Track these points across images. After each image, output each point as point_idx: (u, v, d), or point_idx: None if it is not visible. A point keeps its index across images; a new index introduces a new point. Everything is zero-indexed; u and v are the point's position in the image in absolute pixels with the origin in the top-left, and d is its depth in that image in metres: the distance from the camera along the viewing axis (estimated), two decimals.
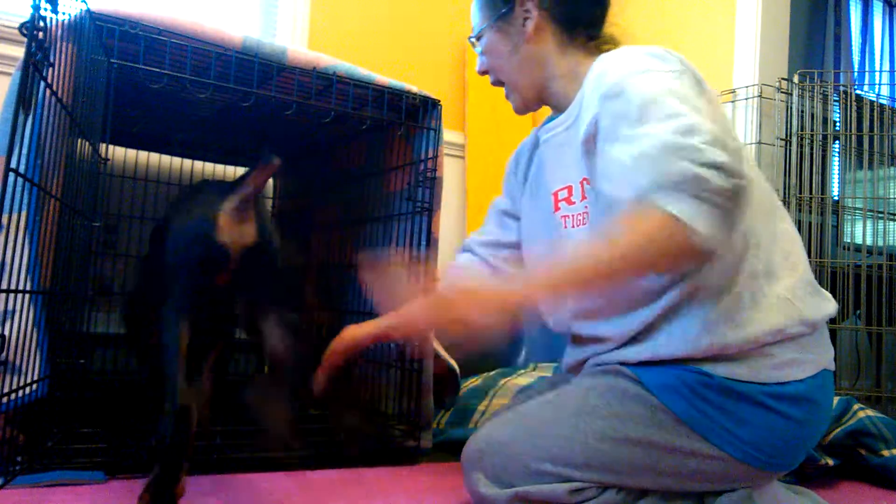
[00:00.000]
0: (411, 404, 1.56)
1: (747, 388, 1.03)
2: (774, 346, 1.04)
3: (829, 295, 1.14)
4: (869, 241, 2.35)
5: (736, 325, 1.03)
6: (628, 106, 0.96)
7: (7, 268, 1.22)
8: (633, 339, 1.10)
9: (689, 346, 1.04)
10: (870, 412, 1.59)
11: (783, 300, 1.05)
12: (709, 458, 1.04)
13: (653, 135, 0.91)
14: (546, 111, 1.30)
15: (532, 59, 1.20)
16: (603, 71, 1.06)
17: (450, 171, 2.65)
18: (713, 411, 1.03)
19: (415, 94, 1.59)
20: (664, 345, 1.06)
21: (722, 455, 1.04)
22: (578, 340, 1.21)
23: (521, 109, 1.26)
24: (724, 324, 1.03)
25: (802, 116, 2.33)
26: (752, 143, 2.38)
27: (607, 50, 1.15)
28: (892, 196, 2.43)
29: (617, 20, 1.24)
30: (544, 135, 1.26)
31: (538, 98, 1.24)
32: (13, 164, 1.25)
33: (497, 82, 1.26)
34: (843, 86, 2.38)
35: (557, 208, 1.20)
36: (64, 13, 1.19)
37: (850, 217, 2.42)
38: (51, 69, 1.18)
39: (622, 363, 1.11)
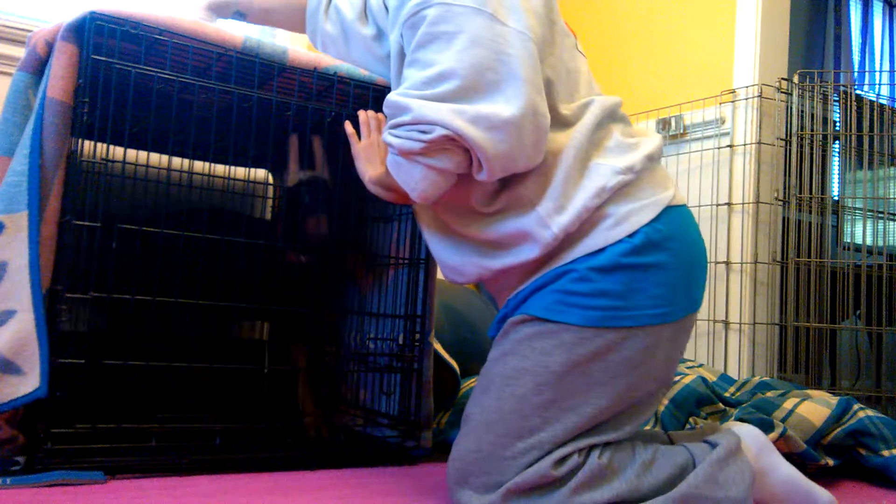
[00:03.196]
0: (411, 404, 1.56)
1: (603, 257, 1.08)
2: (607, 206, 1.10)
3: (650, 134, 1.22)
4: (869, 241, 2.35)
5: (561, 207, 1.09)
6: (410, 42, 1.11)
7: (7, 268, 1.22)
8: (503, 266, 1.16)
9: (539, 246, 1.11)
10: (870, 412, 1.59)
11: (595, 166, 1.12)
12: (622, 340, 1.08)
13: (410, 78, 1.09)
14: None
15: None
16: None
17: None
18: (593, 300, 1.08)
19: None
20: (520, 253, 1.13)
21: (629, 331, 1.08)
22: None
23: None
24: (553, 213, 1.09)
25: (802, 116, 2.33)
26: (752, 144, 2.38)
27: None
28: (892, 196, 2.43)
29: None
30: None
31: None
32: (13, 164, 1.25)
33: None
34: (843, 86, 2.38)
35: None
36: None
37: (850, 217, 2.42)
38: (51, 69, 1.18)
39: (512, 304, 1.17)
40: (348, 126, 1.40)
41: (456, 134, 1.04)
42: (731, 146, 2.42)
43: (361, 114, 1.43)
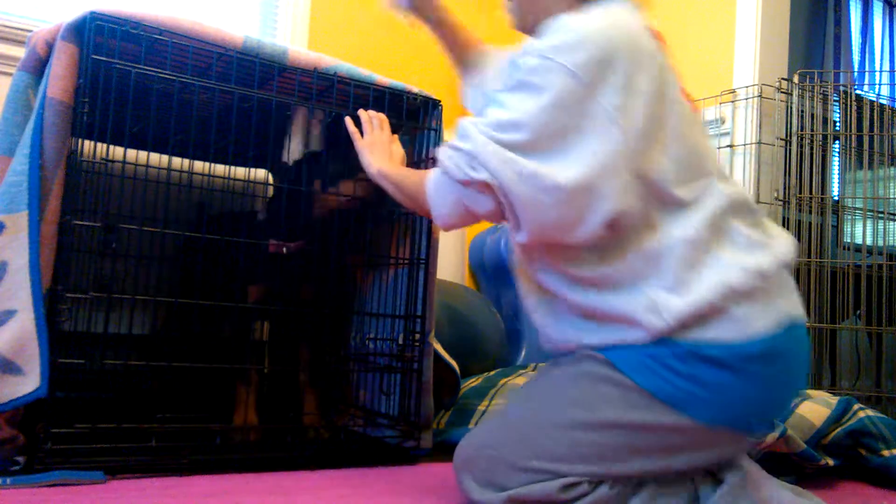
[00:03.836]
0: (411, 404, 1.56)
1: (713, 351, 1.03)
2: (729, 304, 1.04)
3: (781, 233, 1.15)
4: (869, 241, 2.35)
5: (676, 294, 1.04)
6: (506, 81, 1.10)
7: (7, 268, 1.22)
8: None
9: (647, 330, 1.05)
10: (870, 412, 1.59)
11: (718, 258, 1.06)
12: (686, 429, 1.05)
13: (488, 115, 1.09)
14: None
15: None
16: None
17: None
18: (683, 381, 1.04)
19: (415, 94, 1.60)
20: (623, 332, 1.08)
21: (699, 426, 1.04)
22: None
23: (514, 27, 1.27)
24: (666, 298, 1.04)
25: (802, 116, 2.33)
26: (752, 143, 2.38)
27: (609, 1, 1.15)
28: (892, 196, 2.43)
29: None
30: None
31: (533, 30, 1.21)
32: (13, 164, 1.25)
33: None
34: (843, 86, 2.38)
35: None
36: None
37: (850, 217, 2.42)
38: (51, 69, 1.18)
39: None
40: (349, 123, 1.41)
41: (499, 186, 1.04)
42: (731, 146, 2.42)
43: (363, 113, 1.43)
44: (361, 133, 1.42)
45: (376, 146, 1.39)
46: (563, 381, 1.12)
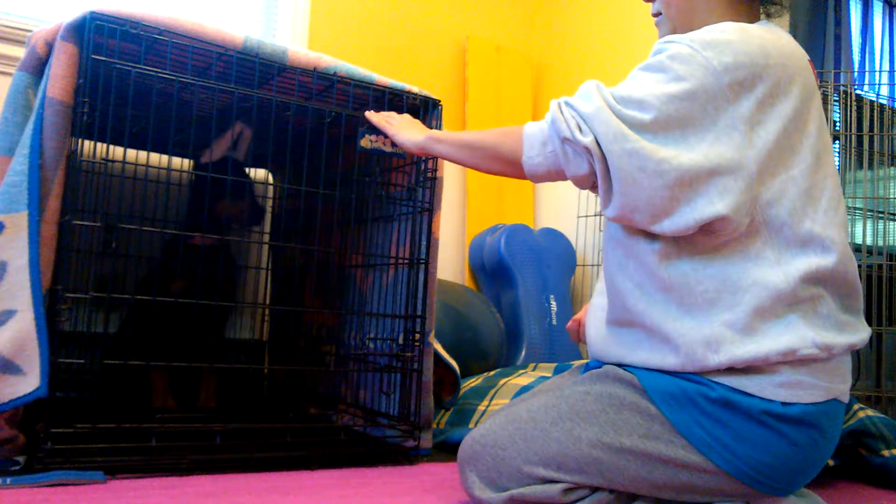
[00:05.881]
0: (411, 404, 1.56)
1: (749, 402, 1.01)
2: (784, 365, 1.01)
3: (863, 324, 1.09)
4: (869, 241, 2.35)
5: (737, 340, 1.01)
6: (648, 61, 1.07)
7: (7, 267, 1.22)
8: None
9: (694, 361, 1.02)
10: (870, 412, 1.59)
11: (796, 322, 1.01)
12: (703, 471, 1.03)
13: (620, 86, 1.07)
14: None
15: (703, 3, 1.16)
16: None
17: (450, 171, 2.65)
18: (711, 424, 1.02)
19: (415, 94, 1.60)
20: (670, 356, 1.05)
21: (716, 470, 1.03)
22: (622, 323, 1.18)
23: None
24: (729, 341, 1.01)
25: None
26: None
27: (769, 14, 1.15)
28: (892, 196, 2.43)
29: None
30: None
31: None
32: (13, 164, 1.25)
33: (657, 13, 1.23)
34: (843, 86, 2.38)
35: None
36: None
37: (850, 217, 2.42)
38: (51, 69, 1.18)
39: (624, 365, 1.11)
40: (371, 114, 1.45)
41: (601, 155, 1.02)
42: None
43: (371, 114, 1.45)
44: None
45: (405, 123, 1.40)
46: (587, 396, 1.10)
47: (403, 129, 1.39)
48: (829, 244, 1.03)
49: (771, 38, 1.04)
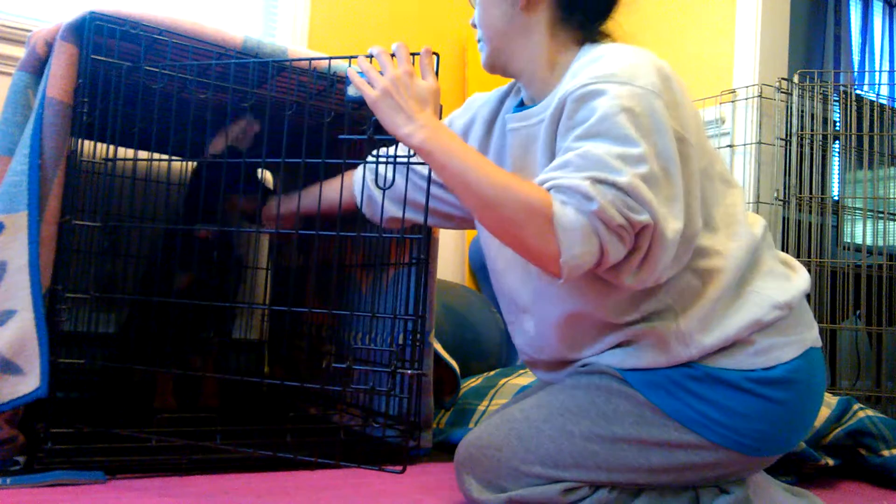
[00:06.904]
0: (411, 404, 1.56)
1: (731, 375, 1.04)
2: (754, 335, 1.05)
3: (799, 266, 1.15)
4: (869, 241, 2.35)
5: (708, 329, 1.05)
6: (590, 115, 0.96)
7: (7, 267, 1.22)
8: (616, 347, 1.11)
9: (669, 358, 1.06)
10: (870, 412, 1.59)
11: (751, 293, 1.07)
12: (698, 448, 1.05)
13: (597, 149, 0.95)
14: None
15: (520, 27, 1.13)
16: (577, 70, 1.05)
17: None
18: (698, 402, 1.04)
19: None
20: (644, 357, 1.07)
21: (711, 445, 1.04)
22: (558, 365, 1.20)
23: (487, 67, 1.19)
24: (697, 332, 1.05)
25: (802, 116, 2.33)
26: (752, 143, 2.38)
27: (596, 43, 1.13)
28: (892, 196, 2.43)
29: (622, 21, 1.20)
30: (512, 123, 1.18)
31: (506, 67, 1.17)
32: (13, 164, 1.25)
33: (480, 38, 1.18)
34: (843, 86, 2.38)
35: None
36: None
37: (850, 217, 2.41)
38: (51, 69, 1.17)
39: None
40: (352, 72, 1.13)
41: (657, 228, 0.94)
42: (731, 146, 2.42)
43: (355, 75, 1.12)
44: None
45: (390, 94, 1.06)
46: (576, 390, 1.11)
47: (394, 113, 1.06)
48: (743, 218, 1.10)
49: (639, 49, 1.06)
